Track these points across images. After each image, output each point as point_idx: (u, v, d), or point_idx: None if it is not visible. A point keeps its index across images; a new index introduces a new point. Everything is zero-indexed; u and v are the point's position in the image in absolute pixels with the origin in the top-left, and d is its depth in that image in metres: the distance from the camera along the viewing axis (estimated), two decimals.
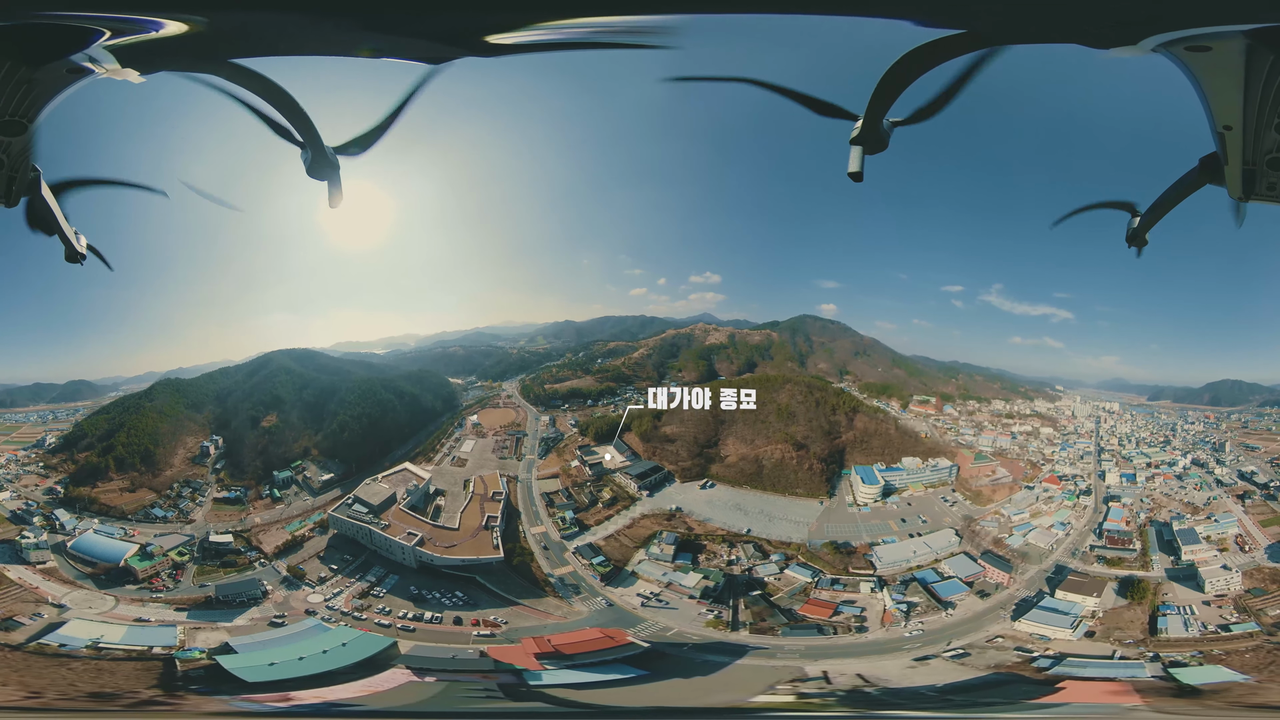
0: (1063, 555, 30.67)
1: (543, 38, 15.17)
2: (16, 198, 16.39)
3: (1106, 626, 27.31)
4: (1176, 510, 32.31)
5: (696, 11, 15.86)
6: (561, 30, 15.16)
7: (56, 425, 35.06)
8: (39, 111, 14.45)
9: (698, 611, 29.32)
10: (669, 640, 27.83)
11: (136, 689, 22.68)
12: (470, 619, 28.55)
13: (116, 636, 25.57)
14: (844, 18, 17.85)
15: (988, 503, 33.50)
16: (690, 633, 28.46)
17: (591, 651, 25.85)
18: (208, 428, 35.74)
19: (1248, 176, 13.76)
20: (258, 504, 33.36)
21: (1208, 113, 13.37)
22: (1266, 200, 13.88)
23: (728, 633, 28.45)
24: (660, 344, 40.32)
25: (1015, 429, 36.69)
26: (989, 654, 26.37)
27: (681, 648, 27.46)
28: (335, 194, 17.97)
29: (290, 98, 15.44)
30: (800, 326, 40.35)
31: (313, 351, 38.82)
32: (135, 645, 25.23)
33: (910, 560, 30.92)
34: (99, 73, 14.31)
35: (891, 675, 25.37)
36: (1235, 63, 12.14)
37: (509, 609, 29.15)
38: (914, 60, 13.73)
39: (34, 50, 13.37)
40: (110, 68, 14.28)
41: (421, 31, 14.99)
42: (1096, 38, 13.13)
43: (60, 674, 22.99)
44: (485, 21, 14.70)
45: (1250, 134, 13.10)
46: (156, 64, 14.74)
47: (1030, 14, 12.94)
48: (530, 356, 41.97)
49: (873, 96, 14.88)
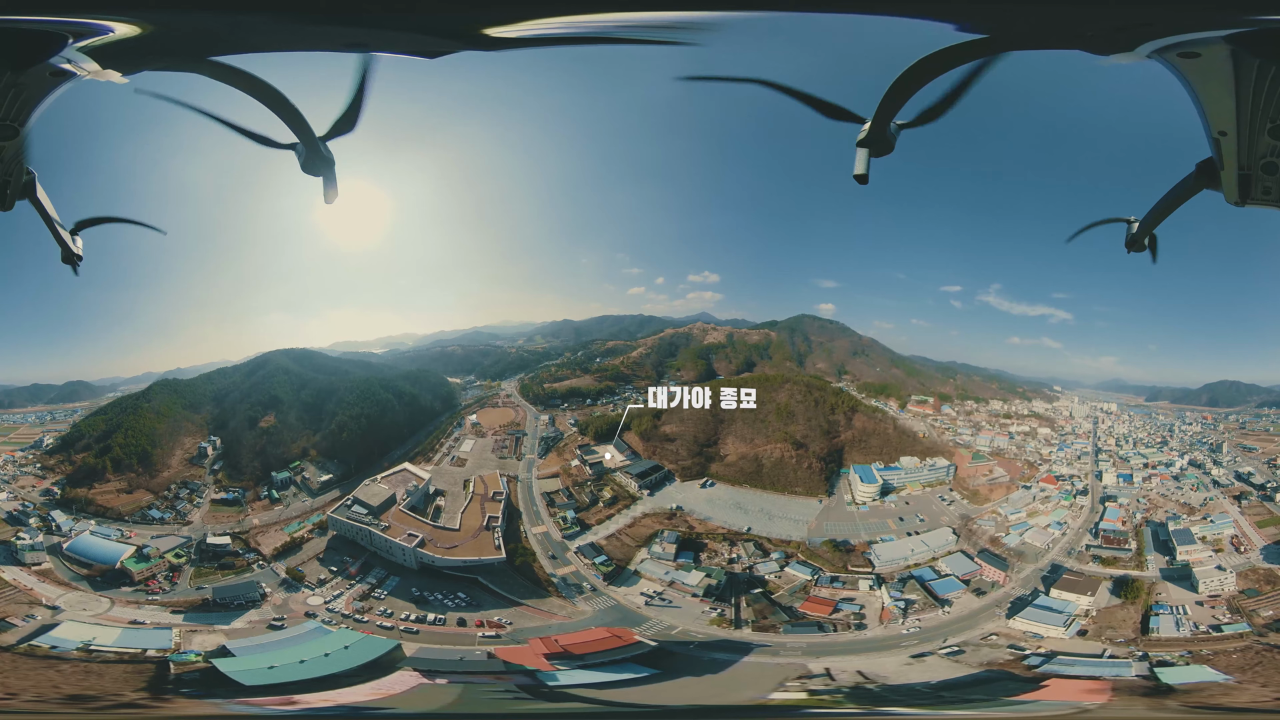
0: (1059, 554, 30.86)
1: (544, 32, 15.13)
2: (11, 201, 16.39)
3: (1099, 625, 27.53)
4: (1173, 511, 32.44)
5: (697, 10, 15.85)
6: (562, 25, 15.14)
7: (54, 426, 34.98)
8: (29, 115, 14.43)
9: (701, 610, 29.50)
10: (675, 639, 27.95)
11: (126, 692, 22.45)
12: (474, 620, 28.43)
13: (110, 639, 25.39)
14: (847, 18, 17.86)
15: (985, 502, 33.67)
16: (695, 631, 28.61)
17: (601, 651, 25.83)
18: (205, 428, 35.63)
19: (1243, 181, 13.88)
20: (256, 505, 33.26)
21: (1203, 119, 13.48)
22: (1262, 204, 13.99)
23: (731, 630, 28.63)
24: (659, 343, 40.36)
25: (1013, 429, 36.82)
26: (983, 651, 26.61)
27: (688, 646, 27.57)
28: (331, 190, 17.84)
29: (279, 94, 15.21)
30: (799, 326, 40.45)
31: (311, 351, 38.87)
32: (128, 648, 25.02)
33: (908, 558, 31.13)
34: (81, 75, 14.28)
35: (889, 672, 25.60)
36: (1224, 69, 12.25)
37: (513, 609, 29.06)
38: (926, 66, 13.82)
39: (16, 54, 13.37)
40: (91, 69, 14.24)
41: (416, 25, 14.94)
42: (1097, 44, 13.23)
43: (47, 676, 22.76)
44: (482, 15, 14.67)
45: (1244, 139, 13.21)
46: (137, 65, 14.71)
47: (1040, 20, 13.02)
48: (529, 355, 41.98)
49: (882, 100, 14.93)
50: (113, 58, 14.25)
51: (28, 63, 13.56)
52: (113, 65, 14.48)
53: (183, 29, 14.31)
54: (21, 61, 13.52)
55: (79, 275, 20.57)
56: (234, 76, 14.69)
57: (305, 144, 16.90)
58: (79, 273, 20.26)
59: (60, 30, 13.55)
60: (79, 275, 20.57)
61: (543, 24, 15.02)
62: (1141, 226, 19.06)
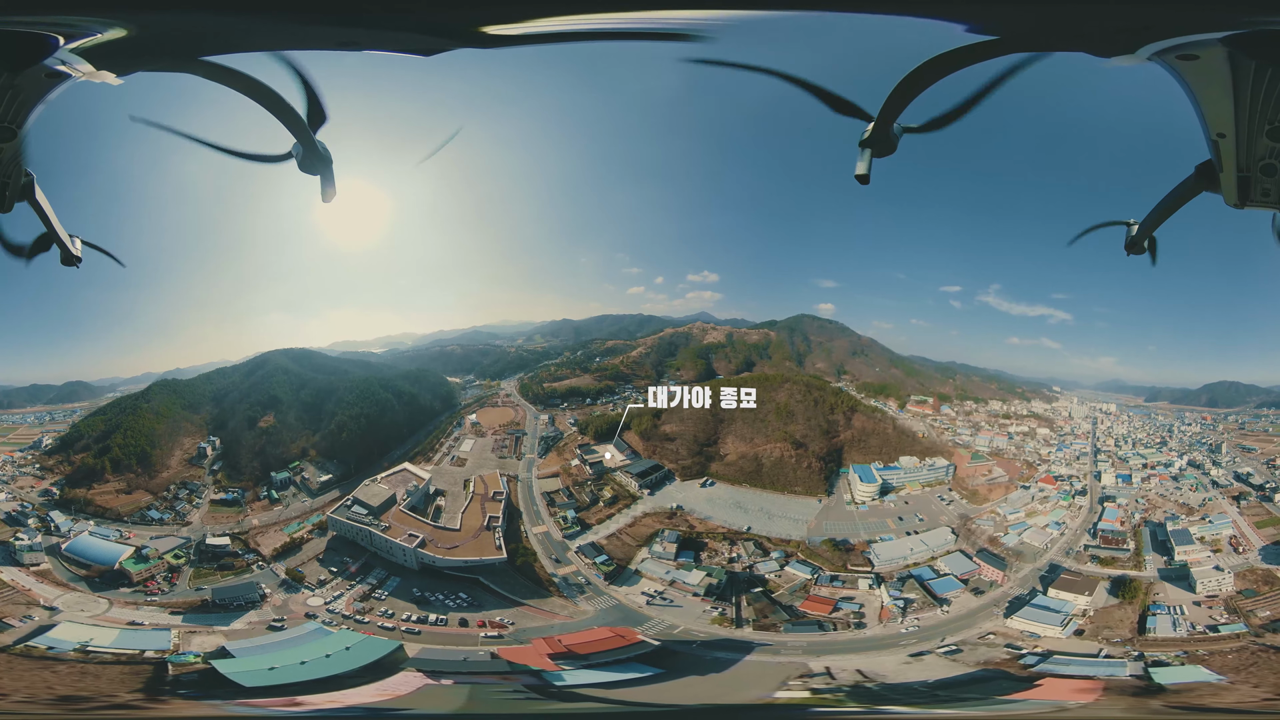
0: (1057, 554, 30.89)
1: (542, 30, 15.12)
2: (11, 203, 16.52)
3: (1096, 625, 27.58)
4: (1171, 511, 32.42)
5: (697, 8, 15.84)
6: (562, 24, 15.12)
7: (53, 426, 34.83)
8: (27, 116, 14.54)
9: (702, 609, 29.56)
10: (677, 638, 28.04)
11: (121, 693, 22.44)
12: (476, 620, 28.40)
13: (107, 640, 25.34)
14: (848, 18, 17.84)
15: (984, 502, 33.67)
16: (697, 630, 28.68)
17: (605, 651, 25.88)
18: (205, 429, 35.51)
19: (1242, 183, 13.97)
20: (255, 506, 33.16)
21: (1202, 121, 13.56)
22: (1261, 206, 14.08)
23: (733, 629, 28.71)
24: (658, 343, 40.31)
25: (1012, 429, 36.79)
26: (980, 650, 26.72)
27: (691, 645, 27.64)
28: (328, 189, 17.80)
29: (274, 93, 15.22)
30: (798, 326, 40.32)
31: (310, 351, 38.64)
32: (126, 649, 25.00)
33: (907, 557, 31.18)
34: (76, 76, 14.36)
35: (888, 671, 25.73)
36: (1222, 71, 12.32)
37: (514, 609, 29.01)
38: (933, 67, 13.84)
39: (12, 55, 13.43)
40: (85, 70, 14.33)
41: (414, 24, 14.93)
42: (1100, 45, 13.28)
43: (41, 677, 22.76)
44: (478, 13, 14.65)
45: (1243, 141, 13.30)
46: (130, 66, 14.84)
47: (1046, 22, 13.06)
48: (528, 355, 41.93)
49: (887, 101, 14.97)
50: (105, 59, 14.39)
51: (24, 64, 13.65)
52: (106, 66, 14.62)
53: (172, 29, 14.42)
54: (18, 63, 13.60)
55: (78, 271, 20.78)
56: (227, 76, 14.73)
57: (302, 142, 16.88)
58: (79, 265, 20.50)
59: (54, 31, 13.59)
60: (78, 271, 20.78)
61: (542, 22, 15.02)
62: (1141, 229, 19.16)
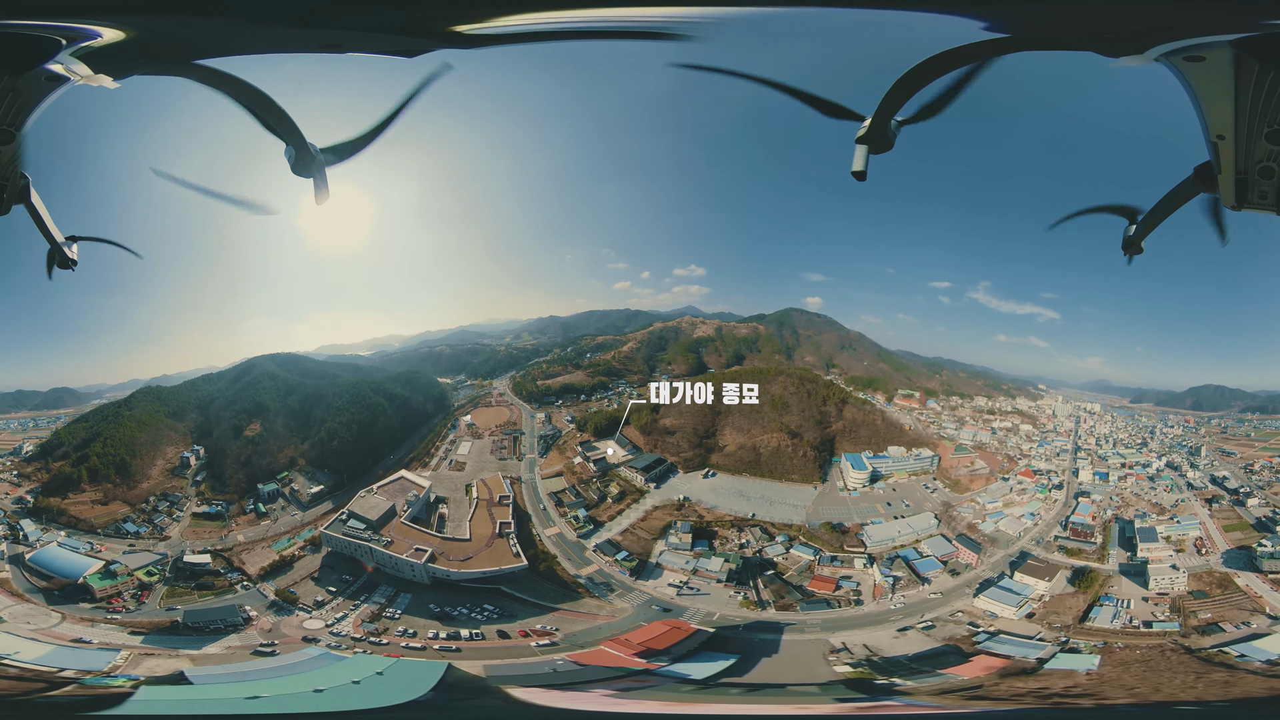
0: (1028, 543, 32.12)
1: (524, 28, 15.16)
2: (8, 205, 16.32)
3: (1047, 610, 28.76)
4: (1143, 509, 33.24)
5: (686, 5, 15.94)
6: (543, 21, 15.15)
7: (36, 433, 33.39)
8: (25, 119, 14.41)
9: (728, 595, 30.25)
10: (718, 623, 28.44)
11: None
12: (517, 630, 27.09)
13: (33, 655, 23.30)
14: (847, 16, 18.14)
15: (965, 491, 34.85)
16: (731, 615, 29.24)
17: (680, 641, 26.00)
18: (188, 437, 34.18)
19: (1240, 185, 14.43)
20: (241, 520, 31.48)
21: (1202, 122, 14.00)
22: (1258, 209, 14.64)
23: (760, 611, 29.56)
24: (648, 337, 40.40)
25: (996, 424, 37.68)
26: (949, 627, 28.15)
27: (737, 629, 28.10)
28: (321, 191, 17.64)
29: (266, 96, 15.18)
30: (786, 319, 40.68)
31: (297, 355, 37.57)
32: (47, 666, 22.66)
33: (895, 539, 32.50)
34: (74, 80, 14.32)
35: (883, 645, 27.17)
36: (1226, 73, 12.72)
37: (551, 615, 28.07)
38: (935, 63, 14.10)
39: (13, 59, 13.34)
40: (84, 74, 14.32)
41: (391, 25, 14.93)
42: (1108, 46, 13.65)
43: None
44: (456, 13, 14.68)
45: (1242, 143, 13.76)
46: (126, 69, 14.83)
47: (1055, 21, 13.39)
48: (518, 353, 41.58)
49: (885, 97, 15.18)
50: (102, 62, 14.39)
51: (24, 67, 13.55)
52: (103, 69, 14.62)
53: (163, 33, 14.50)
54: (18, 66, 13.49)
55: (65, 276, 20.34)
56: (220, 80, 14.83)
57: (294, 146, 16.81)
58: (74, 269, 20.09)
59: (53, 35, 13.54)
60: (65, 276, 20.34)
61: (521, 20, 15.07)
62: (1138, 229, 19.77)
